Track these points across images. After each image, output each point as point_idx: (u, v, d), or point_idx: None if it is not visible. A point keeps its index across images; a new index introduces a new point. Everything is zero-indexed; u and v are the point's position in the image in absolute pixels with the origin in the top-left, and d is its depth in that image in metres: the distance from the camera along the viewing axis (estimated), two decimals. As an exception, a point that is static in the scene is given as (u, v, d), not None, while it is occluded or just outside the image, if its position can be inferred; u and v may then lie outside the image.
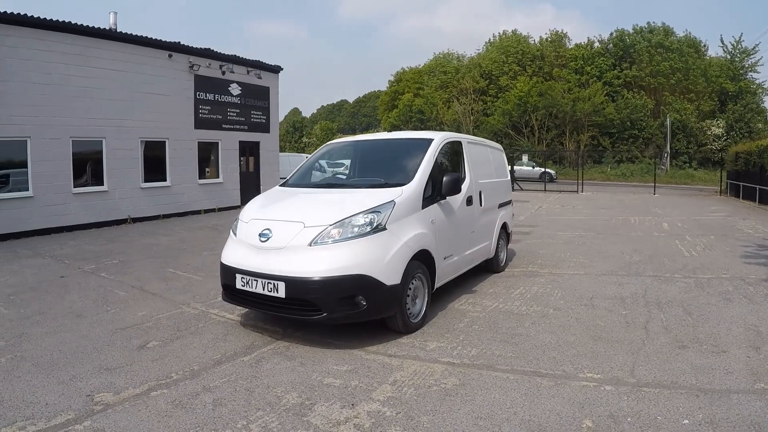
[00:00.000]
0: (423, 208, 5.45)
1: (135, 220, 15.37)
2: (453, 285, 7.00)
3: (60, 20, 13.40)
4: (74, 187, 13.87)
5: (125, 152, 15.10)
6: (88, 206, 14.20)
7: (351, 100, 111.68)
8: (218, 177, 17.92)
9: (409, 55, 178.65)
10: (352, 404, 3.82)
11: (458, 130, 52.36)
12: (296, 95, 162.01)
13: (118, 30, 15.42)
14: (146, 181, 15.83)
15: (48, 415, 3.72)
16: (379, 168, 6.40)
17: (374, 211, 4.97)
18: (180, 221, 15.59)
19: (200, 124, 17.11)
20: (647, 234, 12.16)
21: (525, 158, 37.63)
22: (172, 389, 4.15)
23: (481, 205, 7.06)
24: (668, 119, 41.15)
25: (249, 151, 19.01)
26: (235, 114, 18.31)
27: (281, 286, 4.72)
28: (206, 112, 17.35)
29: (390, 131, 10.85)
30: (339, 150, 7.49)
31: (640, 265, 8.62)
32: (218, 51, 17.52)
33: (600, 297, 6.66)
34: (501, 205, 8.15)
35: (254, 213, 5.49)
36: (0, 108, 12.46)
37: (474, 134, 51.26)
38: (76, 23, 13.73)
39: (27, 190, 12.93)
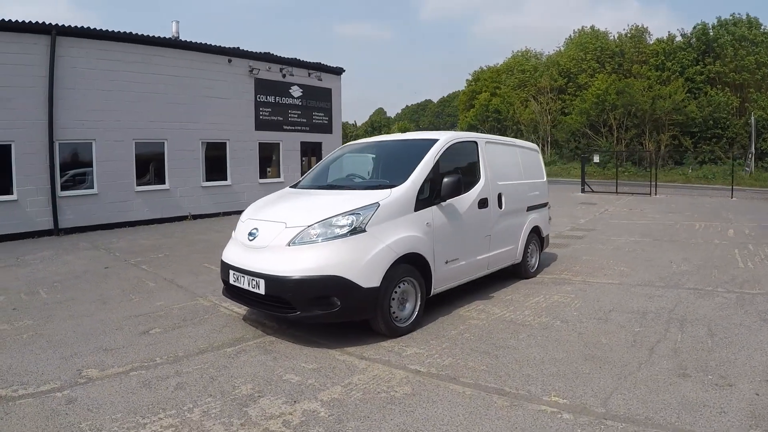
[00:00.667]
0: (417, 210, 5.45)
1: (195, 216, 16.00)
2: (472, 289, 6.92)
3: (121, 31, 14.53)
4: (137, 185, 14.91)
5: (186, 153, 15.83)
6: (150, 203, 15.22)
7: (435, 100, 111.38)
8: (279, 176, 18.40)
9: (494, 53, 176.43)
10: (295, 401, 3.90)
11: (535, 130, 51.15)
12: (380, 96, 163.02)
13: (180, 38, 16.49)
14: (207, 180, 16.61)
15: (39, 383, 4.27)
16: (388, 169, 6.52)
17: (354, 213, 5.04)
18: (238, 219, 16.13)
19: (261, 125, 17.72)
20: (707, 241, 11.24)
21: (596, 158, 35.78)
22: (150, 371, 4.51)
23: (501, 207, 6.91)
24: (753, 117, 38.01)
25: (311, 151, 19.25)
26: (296, 115, 18.73)
27: (261, 283, 4.96)
28: (267, 114, 17.88)
29: (408, 131, 10.53)
30: (355, 152, 7.47)
31: (683, 276, 7.97)
32: (278, 54, 18.15)
33: (620, 310, 6.20)
34: (532, 208, 7.94)
35: (250, 213, 5.84)
36: (68, 113, 13.68)
37: (551, 134, 50.23)
38: (135, 33, 14.84)
39: (93, 188, 14.11)
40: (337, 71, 20.12)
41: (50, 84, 13.37)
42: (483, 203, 6.52)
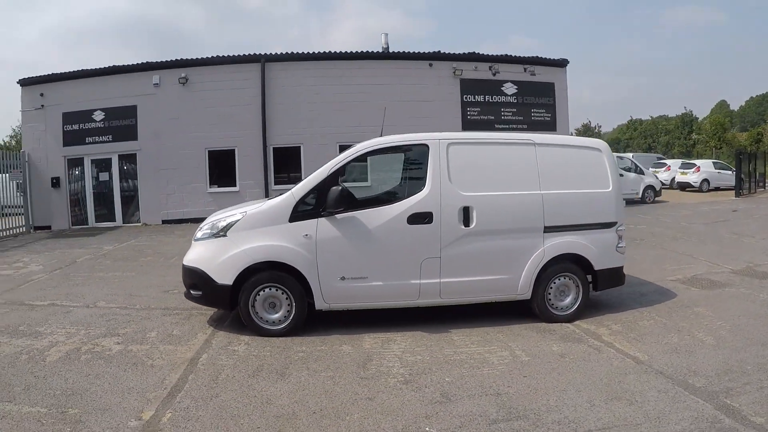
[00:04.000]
0: (293, 221, 5.55)
1: None
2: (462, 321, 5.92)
3: (318, 51, 17.09)
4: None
5: None
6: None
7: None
8: None
9: None
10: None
11: None
12: (723, 86, 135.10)
13: (390, 49, 18.08)
14: None
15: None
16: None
17: (224, 219, 5.78)
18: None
19: (468, 125, 17.43)
20: None
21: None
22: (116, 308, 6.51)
23: (468, 224, 5.71)
24: None
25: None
26: (510, 114, 17.79)
27: None
28: (475, 113, 17.62)
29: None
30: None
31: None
32: (484, 53, 17.83)
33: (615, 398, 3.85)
34: (560, 229, 5.99)
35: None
36: (278, 123, 16.58)
37: None
38: (332, 51, 17.31)
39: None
40: (560, 63, 18.26)
41: (263, 101, 16.55)
42: (420, 218, 5.62)
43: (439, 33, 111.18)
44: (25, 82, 16.51)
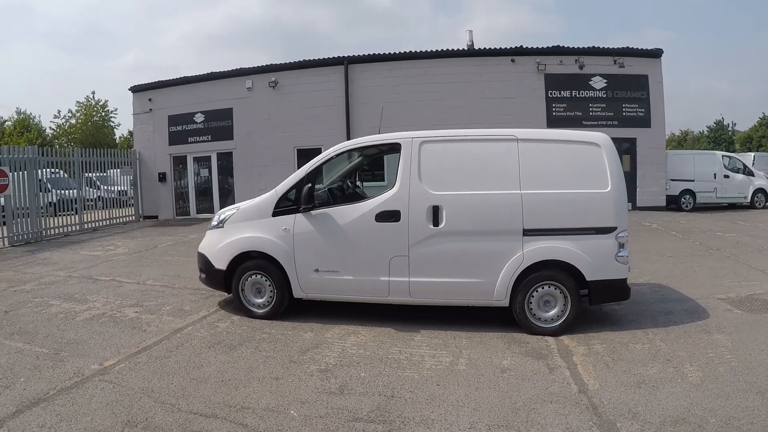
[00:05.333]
0: (275, 216, 6.01)
1: None
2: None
3: (400, 52, 17.50)
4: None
5: None
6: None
7: None
8: None
9: None
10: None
11: None
12: None
13: (475, 47, 18.06)
14: None
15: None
16: None
17: (225, 212, 6.49)
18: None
19: (553, 122, 16.94)
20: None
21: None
22: (158, 286, 7.39)
23: (437, 224, 5.58)
24: None
25: (621, 148, 16.22)
26: (599, 109, 17.06)
27: None
28: (560, 110, 17.10)
29: None
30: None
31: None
32: (570, 46, 16.85)
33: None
34: (546, 233, 5.48)
35: None
36: (361, 122, 16.96)
37: None
38: (413, 51, 17.57)
39: (382, 180, 16.02)
40: (655, 53, 17.07)
41: (346, 101, 17.32)
42: (387, 216, 5.66)
43: (569, 27, 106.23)
44: (135, 89, 18.54)
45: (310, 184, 5.82)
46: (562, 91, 16.90)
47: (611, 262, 5.46)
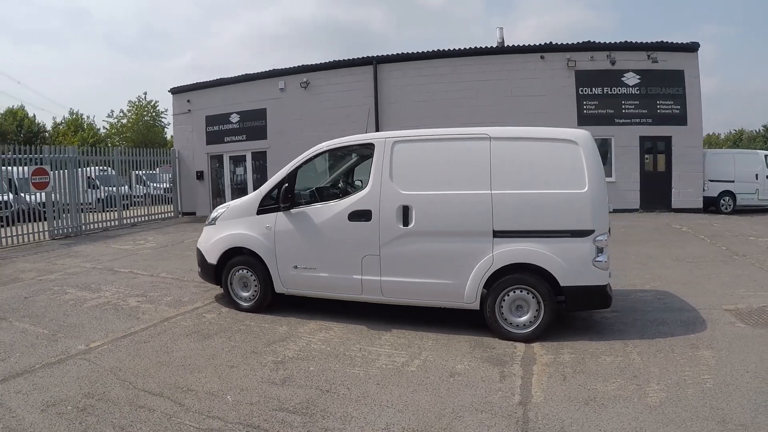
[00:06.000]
0: (259, 214, 6.30)
1: None
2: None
3: (428, 50, 17.51)
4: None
5: None
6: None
7: None
8: (611, 176, 16.35)
9: None
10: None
11: None
12: None
13: (506, 44, 18.12)
14: None
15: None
16: None
17: (218, 209, 6.88)
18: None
19: (585, 120, 16.64)
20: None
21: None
22: (169, 279, 7.70)
23: (406, 224, 5.59)
24: None
25: (656, 147, 15.95)
26: (632, 106, 16.73)
27: None
28: (592, 107, 16.85)
29: None
30: None
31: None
32: (602, 41, 16.70)
33: None
34: (519, 234, 5.28)
35: None
36: (391, 121, 17.19)
37: None
38: (442, 50, 17.50)
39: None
40: (690, 47, 16.54)
41: (376, 101, 17.66)
42: (359, 215, 5.77)
43: (624, 23, 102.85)
44: (174, 91, 19.44)
45: (287, 184, 6.03)
46: (593, 88, 16.62)
47: (588, 268, 5.18)
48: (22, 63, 77.68)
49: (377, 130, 17.07)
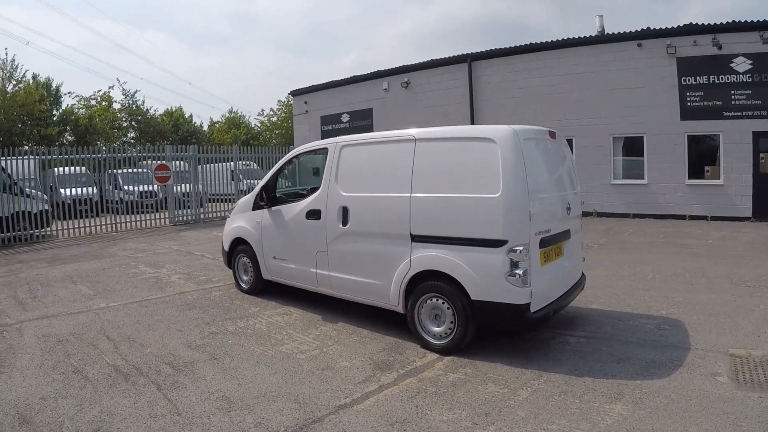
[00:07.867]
0: (254, 210, 7.35)
1: (600, 214, 15.70)
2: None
3: (520, 45, 17.61)
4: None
5: (593, 149, 16.53)
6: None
7: None
8: (719, 178, 15.32)
9: None
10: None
11: None
12: None
13: (606, 32, 17.32)
14: (618, 177, 16.48)
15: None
16: None
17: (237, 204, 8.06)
18: (647, 223, 14.90)
19: (688, 114, 15.64)
20: None
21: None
22: (219, 262, 8.79)
23: (344, 224, 5.96)
24: None
25: (772, 143, 14.81)
26: (743, 97, 15.19)
27: None
28: (697, 99, 15.65)
29: None
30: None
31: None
32: (704, 23, 15.33)
33: None
34: (433, 240, 5.13)
35: None
36: (486, 118, 17.92)
37: None
38: (533, 43, 17.50)
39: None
40: (815, 24, 14.53)
41: (471, 98, 18.43)
42: (312, 214, 6.37)
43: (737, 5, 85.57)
44: (294, 93, 21.90)
45: (266, 185, 7.07)
46: (697, 77, 15.30)
47: (500, 282, 4.70)
48: (196, 66, 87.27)
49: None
